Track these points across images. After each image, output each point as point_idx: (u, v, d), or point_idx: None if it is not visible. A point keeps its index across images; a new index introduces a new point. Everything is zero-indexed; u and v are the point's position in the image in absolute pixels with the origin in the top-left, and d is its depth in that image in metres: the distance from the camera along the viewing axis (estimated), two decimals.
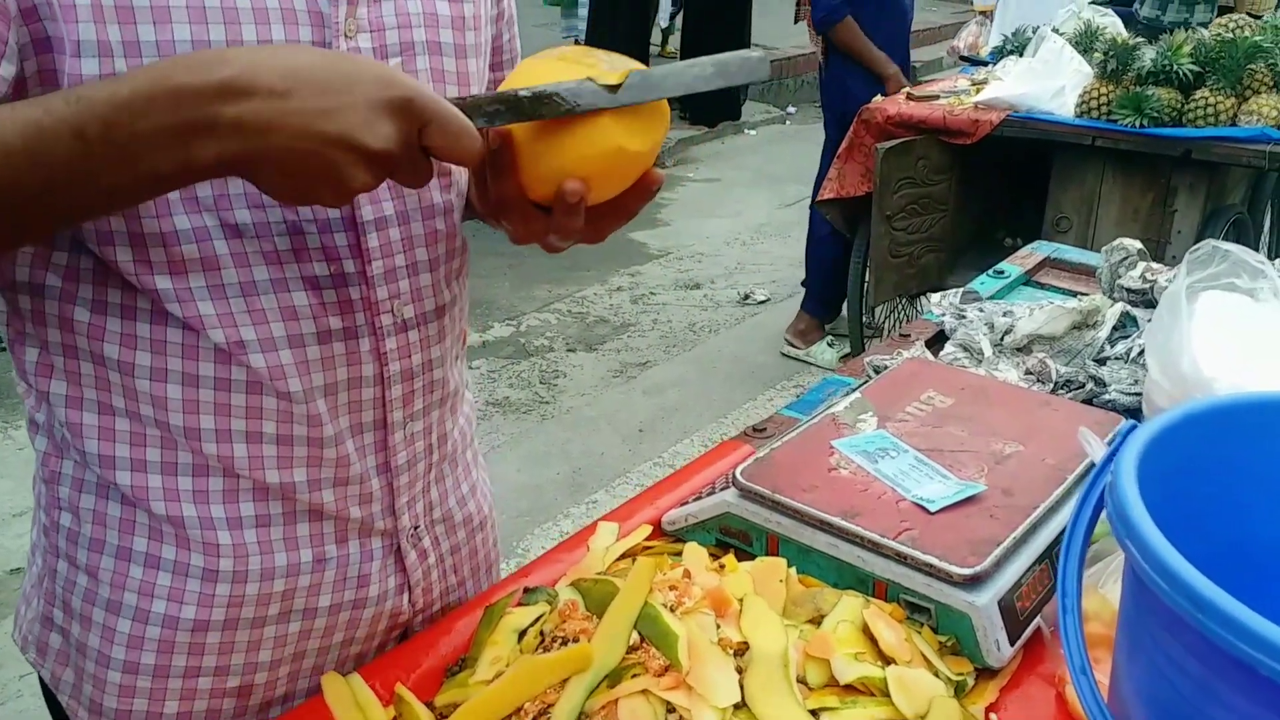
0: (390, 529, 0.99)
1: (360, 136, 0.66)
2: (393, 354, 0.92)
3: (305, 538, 0.93)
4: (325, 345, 0.87)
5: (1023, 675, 0.90)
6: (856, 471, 1.02)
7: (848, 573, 0.94)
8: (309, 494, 0.91)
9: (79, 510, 0.90)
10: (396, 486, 0.97)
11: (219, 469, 0.88)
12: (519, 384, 4.11)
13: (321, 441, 0.90)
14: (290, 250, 0.84)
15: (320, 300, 0.86)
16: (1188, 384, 1.02)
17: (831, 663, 0.81)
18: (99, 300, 0.82)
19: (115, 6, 0.72)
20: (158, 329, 0.83)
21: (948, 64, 7.42)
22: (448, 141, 0.70)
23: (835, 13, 3.90)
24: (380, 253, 0.88)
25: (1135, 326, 1.47)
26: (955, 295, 1.64)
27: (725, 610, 0.84)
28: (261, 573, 0.91)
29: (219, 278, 0.82)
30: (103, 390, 0.86)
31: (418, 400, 0.96)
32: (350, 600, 0.97)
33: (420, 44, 0.86)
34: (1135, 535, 0.59)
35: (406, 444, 0.97)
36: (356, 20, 0.81)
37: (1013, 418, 1.13)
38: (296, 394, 0.86)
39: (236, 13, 0.76)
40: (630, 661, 0.79)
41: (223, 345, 0.83)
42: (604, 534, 1.05)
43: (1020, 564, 0.92)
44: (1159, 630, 0.60)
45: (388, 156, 0.68)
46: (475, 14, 0.92)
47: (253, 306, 0.83)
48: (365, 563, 0.97)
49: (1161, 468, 0.68)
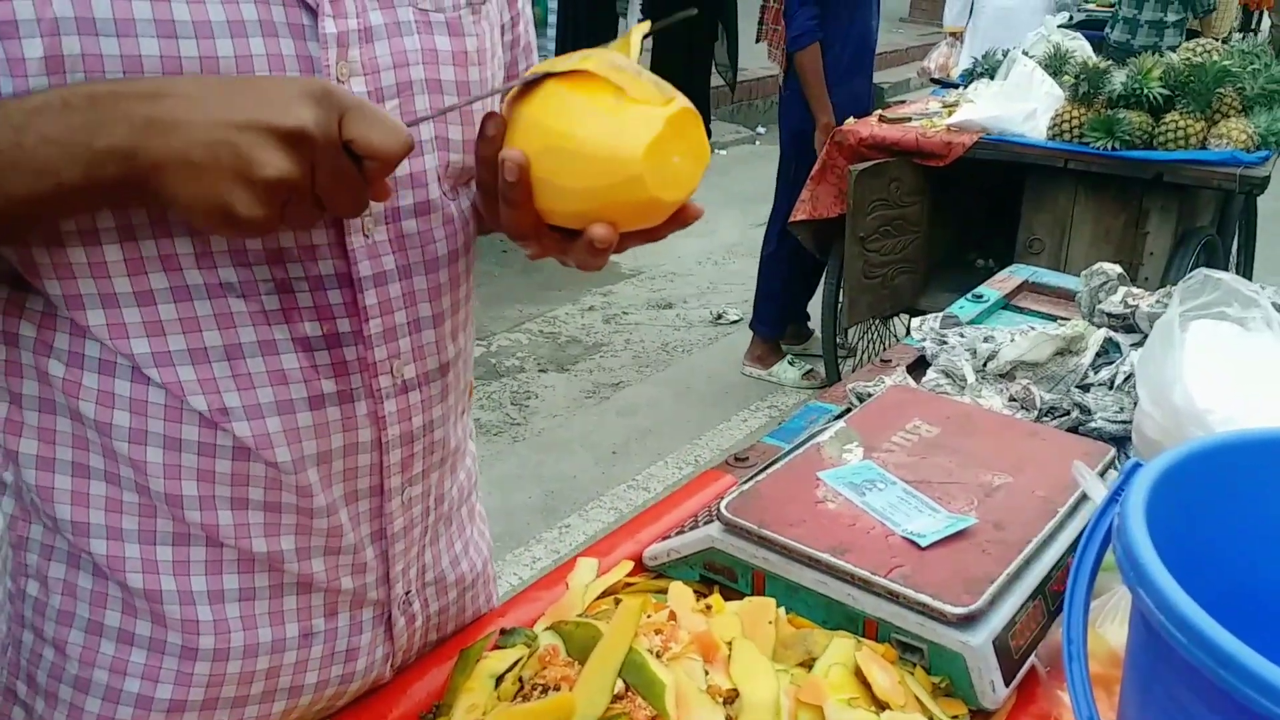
0: (383, 599, 0.92)
1: (271, 116, 0.63)
2: (391, 417, 0.85)
3: (292, 611, 0.86)
4: (318, 411, 0.80)
5: (1017, 715, 0.88)
6: (844, 504, 1.00)
7: (837, 611, 0.91)
8: (298, 563, 0.84)
9: (47, 580, 0.83)
10: (391, 555, 0.90)
11: (201, 538, 0.81)
12: (490, 405, 4.06)
13: (312, 511, 0.83)
14: (279, 310, 0.77)
15: (312, 363, 0.79)
16: (1180, 415, 1.00)
17: (824, 710, 0.77)
18: (75, 353, 0.76)
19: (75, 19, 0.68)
20: (138, 388, 0.76)
21: (916, 85, 7.48)
22: (372, 129, 0.65)
23: (808, 35, 3.90)
24: (379, 310, 0.81)
25: (1118, 352, 1.46)
26: (935, 320, 1.63)
27: (713, 655, 0.81)
28: (244, 650, 0.84)
29: (200, 340, 0.75)
30: (79, 450, 0.79)
31: (417, 464, 0.89)
32: (338, 675, 0.90)
33: (419, 82, 0.80)
34: (1148, 583, 0.56)
35: (404, 510, 0.90)
36: (349, 64, 0.76)
37: (1001, 448, 1.11)
38: (285, 464, 0.80)
39: (216, 62, 0.70)
40: (615, 711, 0.75)
41: (205, 412, 0.77)
42: (583, 570, 1.02)
43: (1014, 601, 0.90)
44: (1174, 681, 0.57)
45: (302, 135, 0.63)
46: (480, 48, 0.85)
47: (237, 371, 0.77)
48: (354, 635, 0.90)
49: (1166, 509, 0.65)
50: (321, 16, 0.74)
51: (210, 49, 0.70)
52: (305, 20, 0.74)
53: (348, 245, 0.79)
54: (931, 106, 3.89)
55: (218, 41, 0.70)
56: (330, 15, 0.74)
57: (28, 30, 0.66)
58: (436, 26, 0.81)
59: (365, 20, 0.77)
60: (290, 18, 0.73)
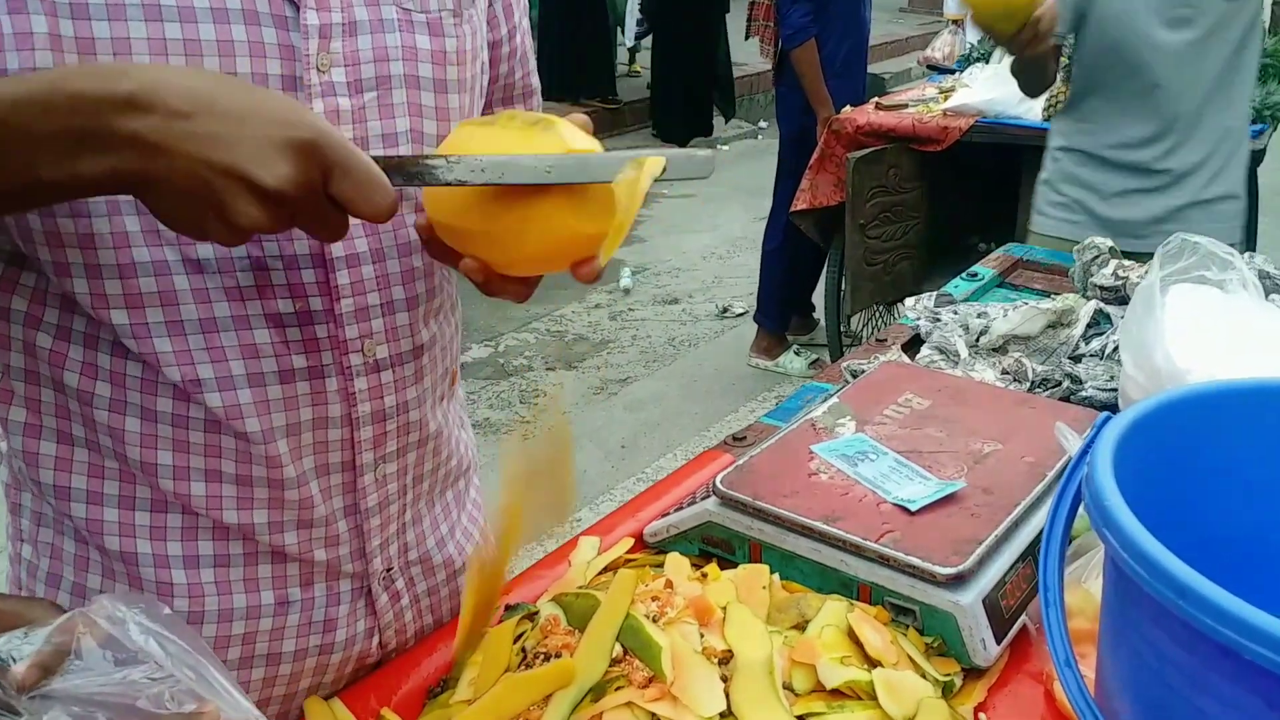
0: (360, 571, 0.94)
1: (252, 170, 0.62)
2: (362, 394, 0.87)
3: (267, 579, 0.89)
4: (288, 385, 0.83)
5: (1010, 674, 0.90)
6: (836, 475, 1.02)
7: (831, 577, 0.94)
8: (269, 535, 0.87)
9: (37, 543, 0.89)
10: (366, 529, 0.93)
11: (177, 506, 0.85)
12: (499, 404, 4.09)
13: (283, 483, 0.86)
14: (253, 286, 0.80)
15: (284, 338, 0.82)
16: (1161, 377, 1.02)
17: (817, 668, 0.80)
18: (63, 326, 0.80)
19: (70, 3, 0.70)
20: (118, 360, 0.80)
21: (916, 74, 7.47)
22: (357, 193, 0.66)
23: (804, 32, 3.90)
24: (351, 290, 0.84)
25: (1109, 324, 1.47)
26: (930, 299, 1.65)
27: (708, 619, 0.83)
28: (219, 614, 0.87)
29: (177, 313, 0.79)
30: (62, 419, 0.84)
31: (390, 442, 0.91)
32: (316, 645, 0.93)
33: (397, 78, 0.83)
34: (1113, 524, 0.58)
35: (378, 486, 0.92)
36: (330, 55, 0.79)
37: (990, 417, 1.13)
38: (255, 434, 0.83)
39: (199, 45, 0.73)
40: (614, 675, 0.78)
41: (179, 383, 0.80)
42: (585, 548, 1.04)
43: (1003, 562, 0.92)
44: (1142, 619, 0.59)
45: (281, 197, 0.63)
46: (460, 49, 0.87)
47: (211, 344, 0.80)
48: (332, 606, 0.93)
49: (1138, 459, 0.68)
50: (304, 8, 0.77)
51: (194, 32, 0.73)
52: (288, 12, 0.77)
53: None
54: (928, 92, 3.91)
55: (200, 26, 0.73)
56: (313, 8, 0.78)
57: (34, 6, 0.69)
58: (418, 26, 0.84)
59: (350, 15, 0.80)
60: (274, 8, 0.76)
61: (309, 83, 0.78)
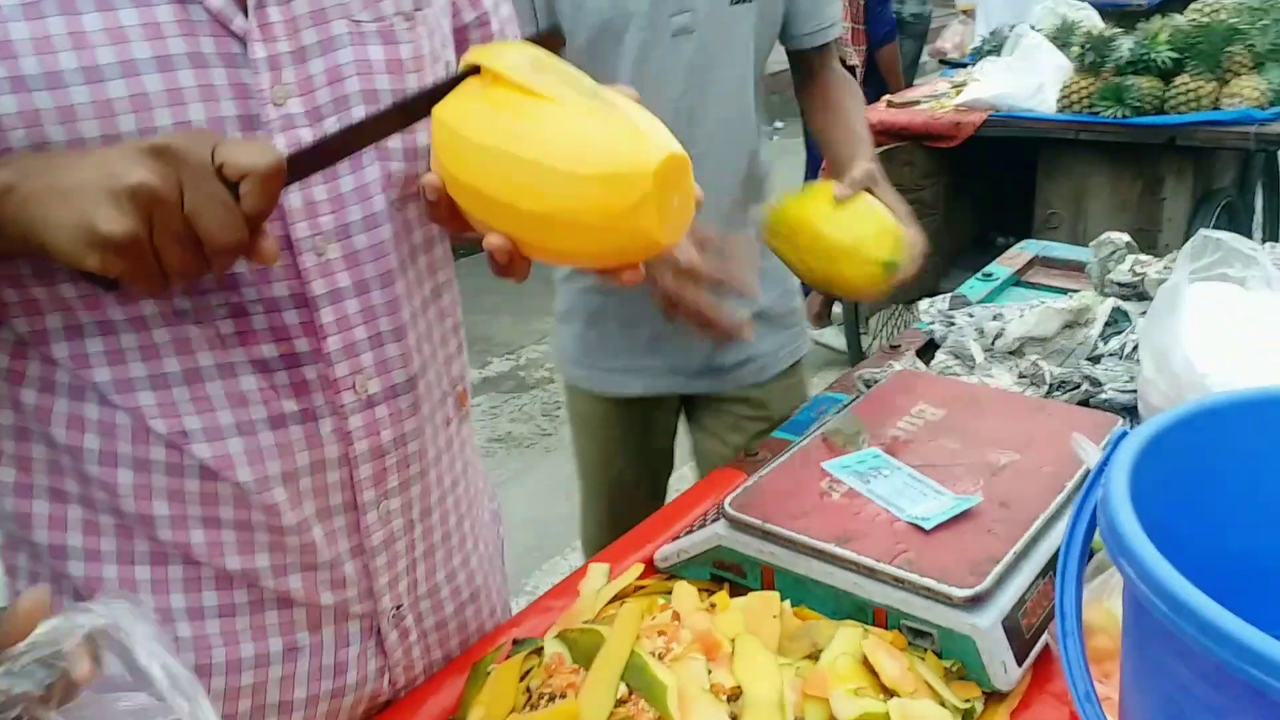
0: (369, 611, 0.91)
1: (108, 181, 0.63)
2: (358, 432, 0.85)
3: (274, 626, 0.86)
4: (280, 430, 0.81)
5: (1033, 695, 0.87)
6: (848, 494, 0.99)
7: (845, 601, 0.91)
8: (274, 580, 0.85)
9: None
10: (373, 569, 0.90)
11: (177, 556, 0.82)
12: (520, 418, 4.07)
13: (283, 529, 0.83)
14: (234, 334, 0.78)
15: (271, 383, 0.80)
16: (1181, 381, 0.99)
17: (830, 701, 0.77)
18: (46, 379, 0.79)
19: None
20: (106, 411, 0.78)
21: (931, 68, 7.40)
22: (236, 150, 0.65)
23: (893, 34, 4.06)
24: (336, 327, 0.82)
25: (1127, 321, 1.44)
26: (944, 301, 1.62)
27: (716, 653, 0.81)
28: (226, 665, 0.85)
29: (160, 366, 0.77)
30: (55, 475, 0.81)
31: (391, 478, 0.89)
32: (329, 690, 0.90)
33: (354, 94, 0.80)
34: (1131, 557, 0.55)
35: (382, 524, 0.89)
36: (284, 86, 0.76)
37: (1007, 426, 1.10)
38: (249, 483, 0.81)
39: (148, 99, 0.71)
40: (619, 716, 0.76)
41: (166, 435, 0.78)
42: (594, 576, 1.02)
43: (1022, 580, 0.89)
44: (1165, 656, 0.56)
45: (139, 190, 0.63)
46: (417, 54, 0.84)
47: (196, 395, 0.78)
48: (341, 649, 0.90)
49: (1156, 475, 0.64)
50: (250, 42, 0.75)
51: (139, 86, 0.71)
52: (234, 48, 0.74)
53: (300, 265, 0.79)
54: (940, 88, 3.86)
55: (145, 79, 0.71)
56: (260, 40, 0.75)
57: None
58: (369, 36, 0.81)
59: (297, 40, 0.77)
60: (219, 47, 0.74)
61: (267, 119, 0.76)
